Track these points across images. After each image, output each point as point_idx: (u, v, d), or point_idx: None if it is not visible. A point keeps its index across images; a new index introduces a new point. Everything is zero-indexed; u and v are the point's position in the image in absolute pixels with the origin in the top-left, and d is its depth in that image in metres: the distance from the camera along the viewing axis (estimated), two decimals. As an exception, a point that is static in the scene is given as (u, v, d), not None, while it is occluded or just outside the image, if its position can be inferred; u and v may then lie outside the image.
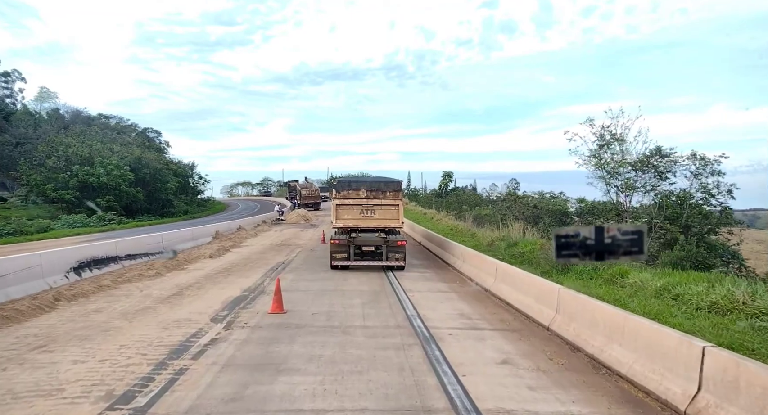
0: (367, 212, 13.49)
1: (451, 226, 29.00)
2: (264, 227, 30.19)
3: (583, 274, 12.04)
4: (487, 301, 9.99)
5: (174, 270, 13.00)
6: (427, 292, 10.81)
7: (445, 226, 29.70)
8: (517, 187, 46.45)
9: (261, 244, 20.89)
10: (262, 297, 9.70)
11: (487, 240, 19.88)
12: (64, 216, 35.21)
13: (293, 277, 12.41)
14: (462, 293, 10.72)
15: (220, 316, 8.11)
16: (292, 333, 7.15)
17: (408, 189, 69.54)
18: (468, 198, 35.17)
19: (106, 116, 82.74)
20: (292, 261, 15.51)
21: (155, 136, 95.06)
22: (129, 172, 44.94)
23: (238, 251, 17.94)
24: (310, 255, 17.21)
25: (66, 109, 75.05)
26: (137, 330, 7.08)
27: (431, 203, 47.23)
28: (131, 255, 13.70)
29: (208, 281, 11.59)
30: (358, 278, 12.50)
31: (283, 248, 19.26)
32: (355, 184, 13.93)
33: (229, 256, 16.51)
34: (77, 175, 41.77)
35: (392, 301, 9.75)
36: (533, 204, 21.89)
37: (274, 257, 16.54)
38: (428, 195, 53.55)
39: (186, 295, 9.84)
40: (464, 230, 26.35)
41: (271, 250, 18.72)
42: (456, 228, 27.64)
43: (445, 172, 50.08)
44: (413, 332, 7.33)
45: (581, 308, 6.80)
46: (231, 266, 14.19)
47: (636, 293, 9.55)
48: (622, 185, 14.15)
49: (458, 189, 48.46)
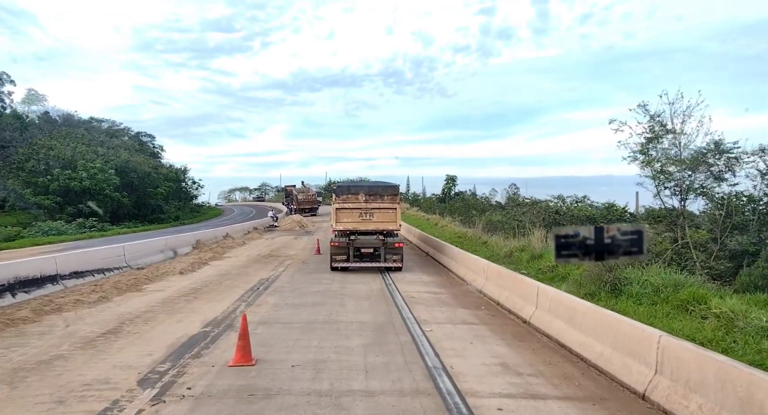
0: (365, 216, 13.87)
1: (459, 233, 26.46)
2: (254, 235, 27.63)
3: (641, 297, 9.50)
4: (531, 339, 7.45)
5: (127, 292, 10.43)
6: (447, 324, 8.27)
7: (452, 233, 27.18)
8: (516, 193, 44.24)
9: (246, 255, 18.33)
10: (228, 335, 7.15)
11: (503, 250, 17.33)
12: (39, 223, 32.59)
13: (276, 301, 9.86)
14: (494, 327, 8.18)
15: (155, 373, 5.56)
16: (255, 411, 4.61)
17: (407, 194, 67.01)
18: (476, 203, 32.73)
19: (98, 120, 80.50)
20: (278, 278, 12.96)
21: (149, 140, 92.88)
22: (114, 176, 42.40)
23: (216, 265, 15.38)
24: (301, 269, 14.66)
25: (56, 112, 72.62)
26: (6, 410, 4.53)
27: (434, 208, 44.70)
28: (79, 273, 11.15)
29: (164, 308, 9.03)
30: (357, 302, 9.95)
31: (271, 261, 16.69)
32: (354, 189, 14.21)
33: (204, 271, 13.94)
34: (58, 179, 39.22)
35: (404, 340, 7.20)
36: (554, 210, 19.41)
37: (257, 272, 13.98)
38: (431, 200, 51.07)
39: (124, 332, 7.28)
40: (474, 237, 23.83)
41: (256, 262, 16.16)
42: (464, 235, 25.09)
43: (448, 175, 47.63)
44: (442, 406, 4.80)
45: (711, 374, 4.28)
46: (202, 284, 11.63)
47: (733, 330, 7.03)
48: (676, 187, 11.65)
49: (462, 193, 46.01)
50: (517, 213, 21.83)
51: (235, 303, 9.56)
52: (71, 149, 43.14)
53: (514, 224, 20.94)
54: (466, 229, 27.81)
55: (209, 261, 15.93)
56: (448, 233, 26.78)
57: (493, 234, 23.90)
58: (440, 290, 11.56)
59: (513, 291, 9.47)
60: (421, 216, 41.81)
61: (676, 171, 11.49)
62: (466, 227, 29.08)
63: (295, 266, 15.46)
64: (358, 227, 13.84)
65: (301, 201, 53.39)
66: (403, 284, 12.28)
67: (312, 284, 12.06)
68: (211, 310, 8.90)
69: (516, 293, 9.30)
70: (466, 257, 13.58)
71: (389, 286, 11.91)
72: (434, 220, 36.47)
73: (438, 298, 10.60)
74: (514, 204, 28.10)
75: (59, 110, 74.11)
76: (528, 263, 14.61)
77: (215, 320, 8.12)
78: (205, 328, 7.61)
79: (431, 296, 10.73)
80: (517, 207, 24.74)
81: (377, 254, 13.96)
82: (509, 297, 9.54)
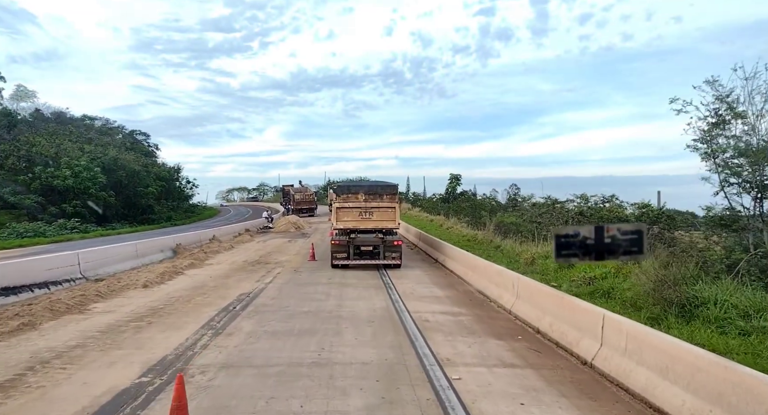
0: (365, 214, 14.15)
1: (468, 235, 24.29)
2: (245, 237, 25.43)
3: (723, 324, 7.35)
4: (605, 396, 5.24)
5: (65, 315, 8.23)
6: (479, 366, 6.07)
7: (459, 235, 25.02)
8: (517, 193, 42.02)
9: (231, 261, 16.13)
10: (173, 391, 4.96)
11: (523, 257, 15.16)
12: (14, 224, 30.36)
13: (252, 328, 7.66)
14: (546, 372, 5.97)
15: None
16: None
17: (408, 194, 64.78)
18: (484, 203, 30.53)
19: (91, 118, 78.56)
20: (263, 292, 10.77)
21: (143, 138, 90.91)
22: (100, 175, 40.15)
23: (193, 274, 13.19)
24: (292, 280, 12.48)
25: (47, 109, 70.50)
26: None
27: (438, 208, 42.53)
28: (10, 289, 8.96)
29: (101, 341, 6.83)
30: (357, 328, 7.75)
31: (258, 269, 14.50)
32: (354, 189, 14.47)
33: (175, 283, 11.74)
34: (40, 177, 37.00)
35: (424, 398, 5.01)
36: (577, 211, 17.24)
37: (239, 283, 11.79)
38: (434, 200, 48.87)
39: (20, 388, 5.08)
40: (485, 240, 21.66)
41: (240, 271, 13.97)
42: (474, 238, 22.92)
43: (452, 174, 45.39)
44: None
45: None
46: (166, 302, 9.44)
47: None
48: (747, 183, 9.46)
49: (467, 193, 43.81)
50: (534, 214, 19.65)
51: (199, 332, 7.36)
52: (55, 146, 40.92)
53: (531, 227, 18.80)
54: (475, 231, 25.64)
55: (185, 270, 13.73)
56: (455, 236, 24.63)
57: (505, 237, 21.75)
58: (459, 310, 9.37)
59: (560, 317, 7.28)
60: (425, 217, 39.63)
61: (751, 163, 9.29)
62: (475, 229, 26.92)
63: (285, 275, 13.27)
64: (358, 226, 14.16)
65: (298, 201, 51.20)
66: (413, 300, 10.10)
67: (303, 300, 9.87)
68: (164, 343, 6.70)
69: (565, 320, 7.11)
70: (487, 267, 11.39)
71: (396, 303, 9.73)
72: (438, 221, 34.30)
73: (459, 321, 8.40)
74: (528, 204, 25.92)
75: (50, 107, 72.01)
76: (556, 273, 12.45)
77: (162, 362, 5.92)
78: (142, 377, 5.41)
79: (450, 319, 8.54)
80: (533, 208, 22.60)
81: (376, 252, 14.27)
82: (555, 324, 7.35)
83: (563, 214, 17.58)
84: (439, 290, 11.50)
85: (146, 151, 79.73)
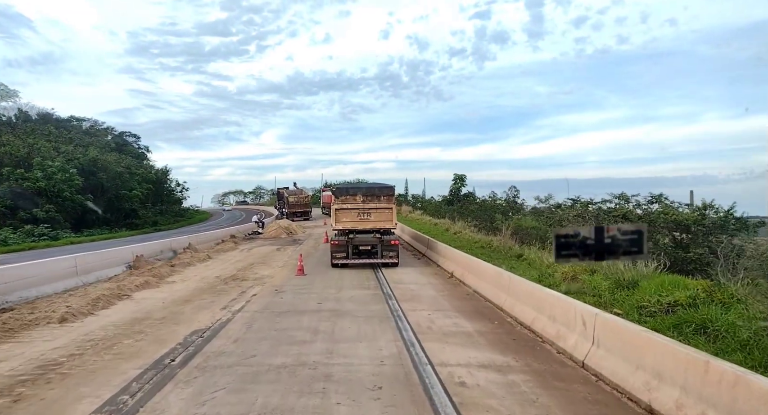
0: (363, 215, 14.50)
1: (481, 241, 21.34)
2: (228, 245, 22.43)
3: None
4: None
5: None
6: None
7: (471, 241, 22.05)
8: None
9: (200, 278, 13.13)
10: None
11: (561, 270, 12.18)
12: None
13: (181, 409, 4.68)
14: None
15: None
16: None
17: (407, 196, 61.83)
18: (496, 205, 27.51)
19: (79, 119, 75.65)
20: (224, 328, 7.77)
21: (134, 140, 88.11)
22: (76, 176, 37.07)
23: (141, 299, 10.16)
24: (269, 307, 9.45)
25: (32, 109, 67.43)
26: None
27: (441, 211, 39.61)
28: None
29: None
30: (358, 405, 4.79)
31: (230, 289, 11.49)
32: (353, 190, 14.80)
33: (108, 314, 8.70)
34: (8, 178, 33.92)
35: None
36: (620, 213, 14.26)
37: (196, 314, 8.78)
38: (436, 202, 45.98)
39: None
40: (501, 247, 18.72)
41: (206, 292, 10.97)
42: (489, 245, 19.95)
43: (456, 175, 42.47)
44: None
45: None
46: (72, 352, 6.42)
47: None
48: None
49: (472, 194, 40.87)
50: (561, 217, 16.69)
51: (88, 421, 4.37)
52: (27, 146, 37.85)
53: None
54: (488, 236, 22.68)
55: (134, 291, 10.71)
56: (466, 242, 21.68)
57: (523, 244, 18.83)
58: (504, 359, 6.37)
59: (699, 391, 4.31)
60: (428, 220, 36.66)
61: None
62: (488, 234, 23.97)
63: (263, 298, 10.27)
64: (356, 226, 14.45)
65: (292, 204, 48.12)
66: (434, 339, 7.13)
67: (277, 344, 6.88)
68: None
69: (711, 400, 4.14)
70: (533, 291, 8.39)
71: (411, 347, 6.74)
72: (443, 224, 31.32)
73: (511, 385, 5.41)
74: (550, 206, 22.95)
75: (35, 107, 68.99)
76: (613, 294, 9.47)
77: None
78: None
79: (497, 380, 5.55)
80: (559, 210, 19.70)
81: (374, 251, 14.60)
82: (688, 405, 4.38)
83: (603, 217, 14.65)
84: (466, 320, 8.53)
85: (136, 153, 76.96)
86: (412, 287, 11.66)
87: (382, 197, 14.56)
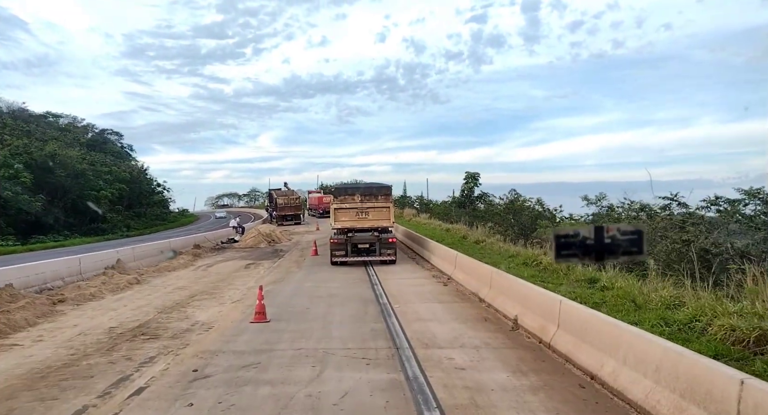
0: (361, 214, 14.73)
1: (522, 256, 15.72)
2: (183, 259, 16.87)
3: None
4: None
5: None
6: None
7: (504, 254, 16.48)
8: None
9: (78, 331, 7.56)
10: None
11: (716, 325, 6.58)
12: None
13: None
14: None
15: None
16: None
17: (411, 199, 56.28)
18: (525, 208, 21.93)
19: (55, 115, 70.14)
20: None
21: (116, 138, 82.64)
22: (24, 173, 31.44)
23: None
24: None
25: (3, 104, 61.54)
26: None
27: (452, 215, 34.06)
28: None
29: None
30: None
31: (99, 373, 5.91)
32: (351, 190, 15.22)
33: None
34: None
35: None
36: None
37: None
38: (445, 205, 40.44)
39: None
40: (559, 268, 13.24)
41: (63, 377, 5.44)
42: (535, 262, 14.35)
43: (468, 173, 36.75)
44: None
45: None
46: None
47: None
48: None
49: (488, 196, 35.37)
50: (657, 226, 11.20)
51: None
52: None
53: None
54: (524, 248, 17.16)
55: None
56: (498, 256, 16.14)
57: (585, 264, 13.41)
58: None
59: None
60: (437, 225, 31.07)
61: None
62: (521, 244, 18.45)
63: (169, 390, 4.74)
64: (355, 225, 14.71)
65: (281, 206, 42.38)
66: None
67: None
68: None
69: None
70: None
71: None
72: (458, 230, 25.73)
73: None
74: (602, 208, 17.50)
75: (6, 102, 63.17)
76: None
77: None
78: None
79: None
80: (610, 213, 14.30)
81: (372, 249, 14.85)
82: None
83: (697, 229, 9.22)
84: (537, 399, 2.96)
85: (116, 151, 71.37)
86: (457, 357, 6.13)
87: (379, 197, 14.84)
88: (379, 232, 14.83)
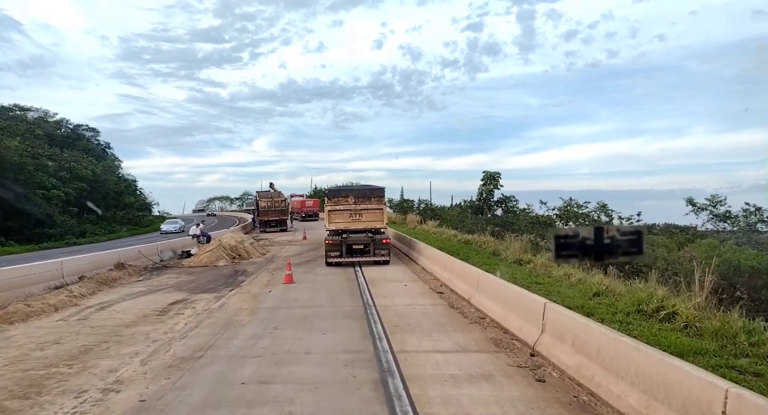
0: (355, 216, 15.02)
1: (629, 299, 9.40)
2: (78, 290, 10.54)
3: None
4: None
5: None
6: None
7: (581, 288, 10.26)
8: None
9: None
10: None
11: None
12: None
13: None
14: None
15: None
16: None
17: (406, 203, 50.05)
18: (580, 215, 15.76)
19: (23, 108, 63.64)
20: None
21: (92, 135, 76.19)
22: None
23: None
24: None
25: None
26: None
27: (466, 223, 27.73)
28: None
29: None
30: None
31: None
32: (345, 192, 15.47)
33: None
34: None
35: None
36: None
37: None
38: (460, 209, 34.28)
39: None
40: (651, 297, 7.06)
41: None
42: (658, 307, 8.11)
43: (487, 173, 30.64)
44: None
45: None
46: None
47: None
48: None
49: (510, 199, 29.24)
50: None
51: None
52: None
53: None
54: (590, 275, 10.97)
55: None
56: (562, 286, 9.94)
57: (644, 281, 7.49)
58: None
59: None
60: (450, 236, 24.63)
61: None
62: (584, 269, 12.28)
63: None
64: (349, 227, 14.92)
65: (263, 210, 35.84)
66: None
67: None
68: None
69: None
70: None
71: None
72: (483, 243, 19.52)
73: None
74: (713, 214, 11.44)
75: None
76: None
77: None
78: None
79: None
80: None
81: (367, 250, 15.05)
82: None
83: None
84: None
85: (90, 148, 65.04)
86: None
87: (372, 198, 15.09)
88: (372, 233, 15.08)
